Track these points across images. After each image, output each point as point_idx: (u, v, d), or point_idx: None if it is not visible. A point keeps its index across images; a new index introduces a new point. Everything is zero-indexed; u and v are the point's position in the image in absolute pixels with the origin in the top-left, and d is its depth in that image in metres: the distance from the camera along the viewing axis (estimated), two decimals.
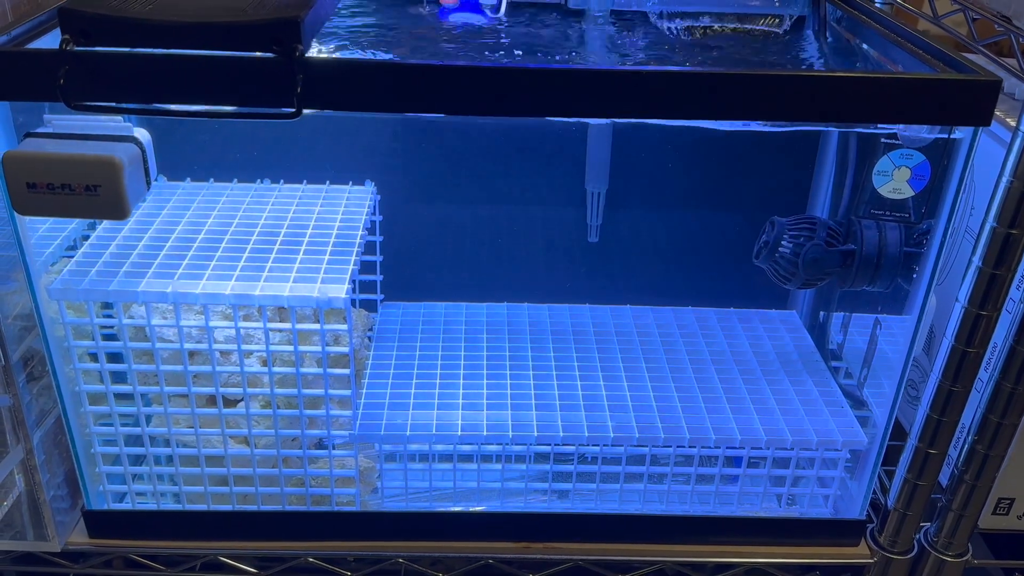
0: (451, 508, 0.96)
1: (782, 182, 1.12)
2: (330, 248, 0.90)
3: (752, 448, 0.93)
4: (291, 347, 0.85)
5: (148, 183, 0.76)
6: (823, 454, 0.94)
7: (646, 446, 0.93)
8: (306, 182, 1.04)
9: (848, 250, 0.92)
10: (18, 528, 0.91)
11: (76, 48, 0.66)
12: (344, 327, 0.86)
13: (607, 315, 1.13)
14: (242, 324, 0.85)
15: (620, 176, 1.07)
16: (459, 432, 0.92)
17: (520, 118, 0.71)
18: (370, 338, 1.07)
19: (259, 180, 1.04)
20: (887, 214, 0.86)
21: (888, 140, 0.80)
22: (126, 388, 0.86)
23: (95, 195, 0.71)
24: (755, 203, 1.09)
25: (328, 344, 0.85)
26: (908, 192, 0.83)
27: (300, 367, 0.86)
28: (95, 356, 0.86)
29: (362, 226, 0.95)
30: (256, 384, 0.88)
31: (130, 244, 0.90)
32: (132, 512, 0.93)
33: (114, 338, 0.87)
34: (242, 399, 0.88)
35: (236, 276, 0.85)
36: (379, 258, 1.06)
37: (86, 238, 0.92)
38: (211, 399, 0.88)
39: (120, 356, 0.86)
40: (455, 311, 1.13)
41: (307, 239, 0.92)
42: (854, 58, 0.93)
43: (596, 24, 0.98)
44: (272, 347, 0.85)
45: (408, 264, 1.12)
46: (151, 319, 0.84)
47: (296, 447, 0.91)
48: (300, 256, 0.89)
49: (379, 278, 1.08)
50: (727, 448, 0.93)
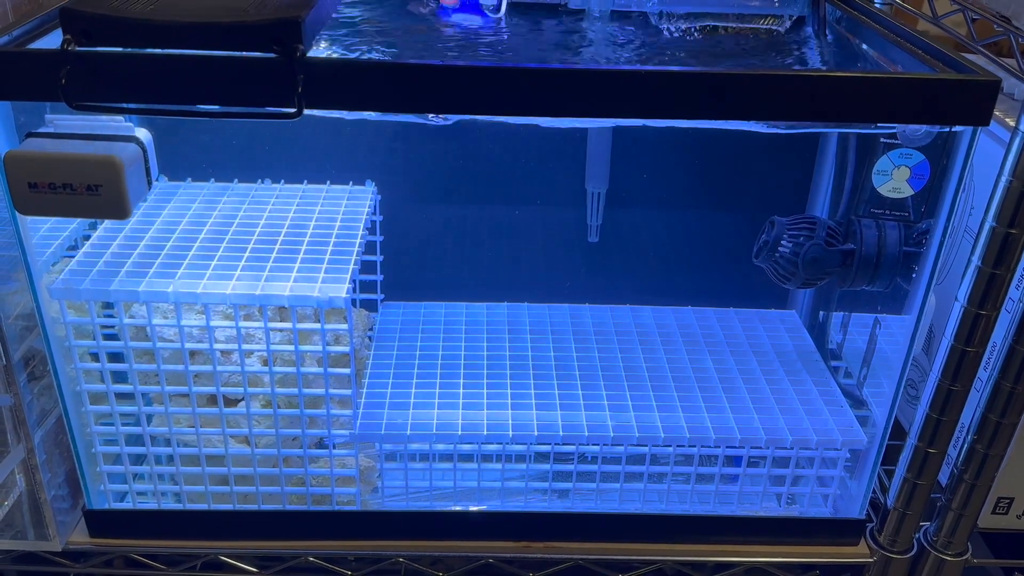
0: (451, 507, 0.96)
1: (782, 182, 1.12)
2: (331, 248, 0.90)
3: (752, 447, 0.93)
4: (292, 347, 0.85)
5: (149, 183, 0.76)
6: (823, 453, 0.94)
7: (646, 445, 0.93)
8: (307, 182, 1.04)
9: (848, 250, 0.92)
10: (19, 527, 0.91)
11: (78, 48, 0.66)
12: (345, 326, 0.86)
13: (607, 315, 1.13)
14: (243, 324, 0.85)
15: (620, 176, 1.08)
16: (459, 432, 0.92)
17: (520, 118, 0.71)
18: (370, 338, 1.07)
19: (260, 180, 1.04)
20: (887, 213, 0.86)
21: (888, 140, 0.80)
22: (127, 388, 0.87)
23: (96, 195, 0.71)
24: (755, 203, 1.09)
25: (329, 344, 0.85)
26: (907, 191, 0.83)
27: (301, 367, 0.86)
28: (96, 356, 0.86)
29: (362, 226, 0.95)
30: (257, 384, 0.88)
31: (131, 244, 0.90)
32: (133, 511, 0.93)
33: (115, 338, 0.87)
34: (243, 398, 0.88)
35: (237, 276, 0.85)
36: (379, 258, 1.06)
37: (87, 238, 0.92)
38: (212, 398, 0.89)
39: (121, 356, 0.86)
40: (455, 311, 1.13)
41: (308, 239, 0.92)
42: (854, 58, 0.93)
43: (596, 24, 0.98)
44: (273, 347, 0.86)
45: (408, 264, 1.12)
46: (152, 319, 0.84)
47: (297, 446, 0.91)
48: (301, 256, 0.89)
49: (379, 278, 1.08)
50: (727, 447, 0.93)
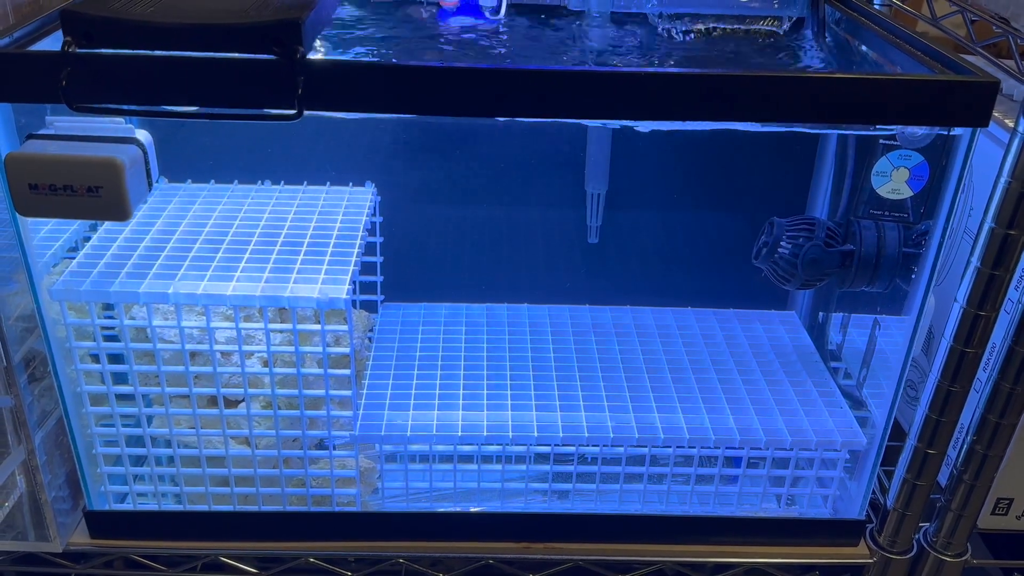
0: (451, 508, 0.96)
1: (781, 183, 1.12)
2: (330, 249, 0.90)
3: (751, 448, 0.93)
4: (292, 348, 0.85)
5: (150, 184, 0.76)
6: (822, 454, 0.94)
7: (646, 446, 0.93)
8: (306, 183, 1.04)
9: (847, 251, 0.92)
10: (20, 529, 0.91)
11: (78, 50, 0.66)
12: (345, 328, 0.86)
13: (607, 316, 1.13)
14: (243, 325, 0.85)
15: (620, 177, 1.08)
16: (459, 433, 0.92)
17: (520, 119, 0.71)
18: (370, 339, 1.07)
19: (260, 181, 1.04)
20: (886, 215, 0.86)
21: (887, 141, 0.80)
22: (127, 389, 0.87)
23: (97, 196, 0.71)
24: (754, 204, 1.10)
25: (329, 345, 0.85)
26: (907, 193, 0.83)
27: (301, 368, 0.86)
28: (96, 357, 0.86)
29: (362, 227, 0.95)
30: (257, 385, 0.88)
31: (131, 245, 0.90)
32: (133, 512, 0.93)
33: (115, 339, 0.87)
34: (243, 400, 0.88)
35: (237, 277, 0.85)
36: (379, 259, 1.06)
37: (87, 239, 0.92)
38: (212, 400, 0.89)
39: (121, 357, 0.86)
40: (455, 312, 1.13)
41: (308, 240, 0.92)
42: (853, 59, 0.93)
43: (596, 26, 0.98)
44: (273, 348, 0.86)
45: (408, 265, 1.12)
46: (152, 320, 0.84)
47: (297, 448, 0.91)
48: (301, 257, 0.89)
49: (379, 279, 1.08)
50: (726, 448, 0.93)
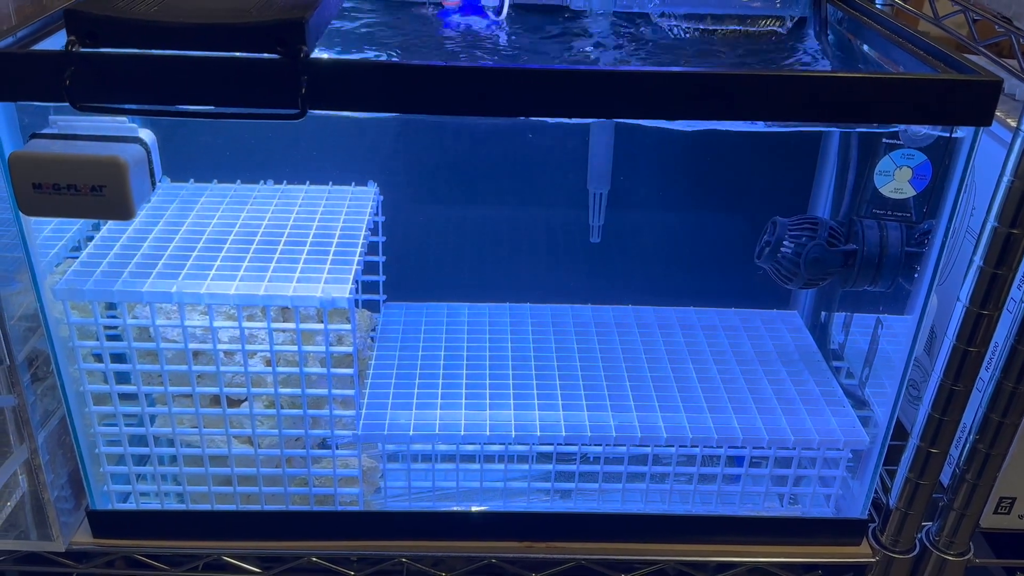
0: (454, 508, 0.96)
1: (784, 182, 1.12)
2: (333, 248, 0.91)
3: (754, 448, 0.93)
4: (295, 347, 0.85)
5: (153, 184, 0.76)
6: (825, 454, 0.94)
7: (648, 446, 0.93)
8: (309, 183, 1.04)
9: (850, 250, 0.92)
10: (22, 528, 0.91)
11: (82, 49, 0.66)
12: (347, 327, 0.87)
13: (609, 315, 1.13)
14: (246, 324, 0.85)
15: (622, 177, 1.08)
16: (462, 432, 0.92)
17: (523, 119, 0.71)
18: (373, 338, 1.07)
19: (262, 181, 1.04)
20: (889, 214, 0.86)
21: (890, 140, 0.81)
22: (130, 388, 0.87)
23: (100, 195, 0.71)
24: (757, 203, 1.10)
25: (331, 344, 0.86)
26: (909, 192, 0.83)
27: (304, 367, 0.86)
28: (99, 356, 0.86)
29: (365, 226, 0.95)
30: (260, 384, 0.88)
31: (135, 245, 0.90)
32: (136, 512, 0.93)
33: (118, 338, 0.87)
34: (246, 399, 0.88)
35: (240, 276, 0.85)
36: (382, 259, 1.06)
37: (90, 239, 0.92)
38: (215, 399, 0.89)
39: (124, 356, 0.86)
40: (457, 311, 1.13)
41: (310, 240, 0.92)
42: (855, 59, 0.93)
43: (598, 25, 0.98)
44: (276, 347, 0.86)
45: (411, 265, 1.12)
46: (155, 319, 0.84)
47: (300, 447, 0.91)
48: (303, 256, 0.89)
49: (382, 279, 1.08)
50: (729, 448, 0.93)
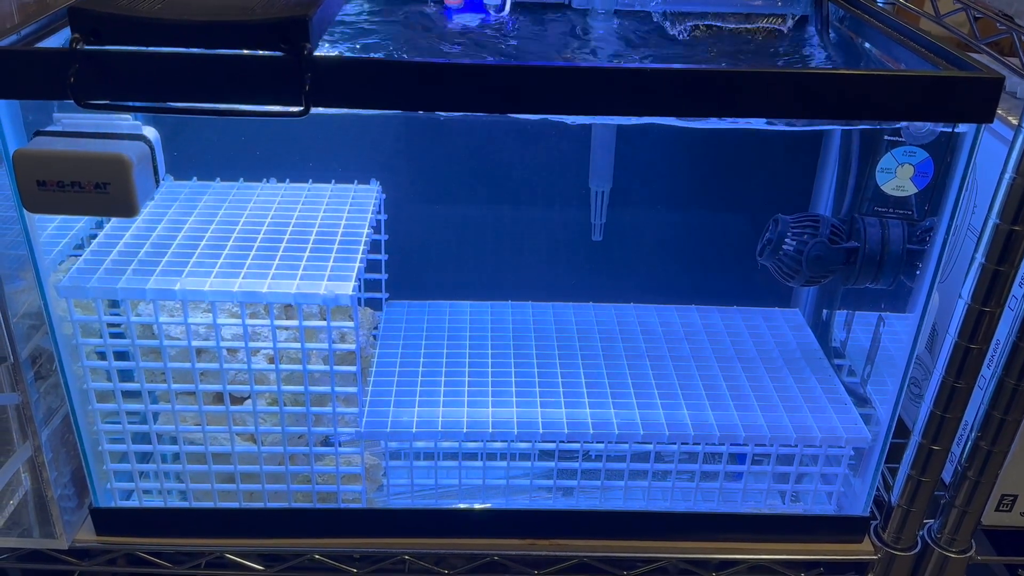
0: (456, 505, 0.96)
1: (785, 180, 1.12)
2: (336, 246, 0.91)
3: (756, 445, 0.93)
4: (298, 344, 0.86)
5: (157, 181, 0.77)
6: (827, 451, 0.94)
7: (650, 443, 0.93)
8: (312, 181, 1.04)
9: (851, 247, 0.92)
10: (25, 526, 0.91)
11: (86, 47, 0.66)
12: (350, 324, 0.87)
13: (611, 313, 1.13)
14: (249, 322, 0.85)
15: (624, 175, 1.08)
16: (464, 429, 0.92)
17: (525, 116, 0.72)
18: (375, 336, 1.07)
19: (265, 179, 1.04)
20: (890, 212, 0.86)
21: (891, 138, 0.81)
22: (133, 386, 0.87)
23: (104, 193, 0.71)
24: (758, 201, 1.10)
25: (334, 342, 0.86)
26: (911, 189, 0.84)
27: (307, 364, 0.86)
28: (103, 354, 0.86)
29: (368, 224, 0.95)
30: (263, 381, 0.88)
31: (138, 242, 0.90)
32: (139, 510, 0.93)
33: (122, 336, 0.87)
34: (249, 396, 0.88)
35: (243, 274, 0.85)
36: (384, 257, 1.06)
37: (94, 236, 0.92)
38: (218, 396, 0.89)
39: (128, 354, 0.86)
40: (459, 309, 1.13)
41: (313, 237, 0.92)
42: (857, 57, 0.93)
43: (600, 23, 0.98)
44: (279, 344, 0.86)
45: (413, 263, 1.12)
46: (159, 316, 0.84)
47: (302, 444, 0.91)
48: (306, 254, 0.89)
49: (384, 276, 1.08)
50: (731, 445, 0.93)
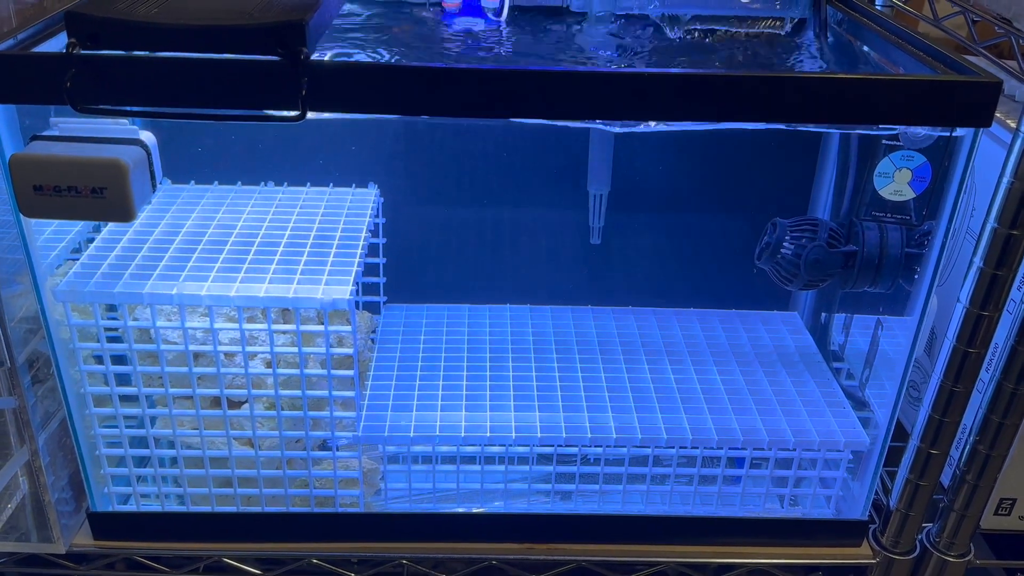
0: (454, 509, 0.96)
1: (783, 184, 1.12)
2: (334, 250, 0.91)
3: (754, 449, 0.93)
4: (295, 349, 0.85)
5: (154, 185, 0.77)
6: (825, 455, 0.94)
7: (649, 447, 0.93)
8: (310, 184, 1.04)
9: (849, 251, 0.92)
10: (23, 530, 0.91)
11: (82, 51, 0.66)
12: (348, 328, 0.87)
13: (609, 317, 1.13)
14: (247, 326, 0.85)
15: (622, 178, 1.08)
16: (462, 433, 0.92)
17: (522, 120, 0.72)
18: (373, 340, 1.07)
19: (263, 183, 1.04)
20: (888, 216, 0.86)
21: (889, 142, 0.81)
22: (131, 390, 0.87)
23: (101, 197, 0.71)
24: (757, 205, 1.10)
25: (332, 346, 0.86)
26: (909, 194, 0.84)
27: (304, 368, 0.86)
28: (100, 358, 0.86)
29: (365, 228, 0.95)
30: (260, 386, 0.88)
31: (135, 247, 0.90)
32: (136, 514, 0.93)
33: (119, 340, 0.87)
34: (246, 401, 0.88)
35: (240, 278, 0.85)
36: (382, 260, 1.06)
37: (91, 241, 0.92)
38: (215, 401, 0.89)
39: (125, 358, 0.86)
40: (458, 313, 1.13)
41: (311, 241, 0.92)
42: (855, 60, 0.93)
43: (598, 27, 0.98)
44: (276, 349, 0.86)
45: (411, 266, 1.12)
46: (156, 321, 0.84)
47: (300, 449, 0.91)
48: (304, 258, 0.89)
49: (382, 280, 1.08)
50: (730, 449, 0.93)
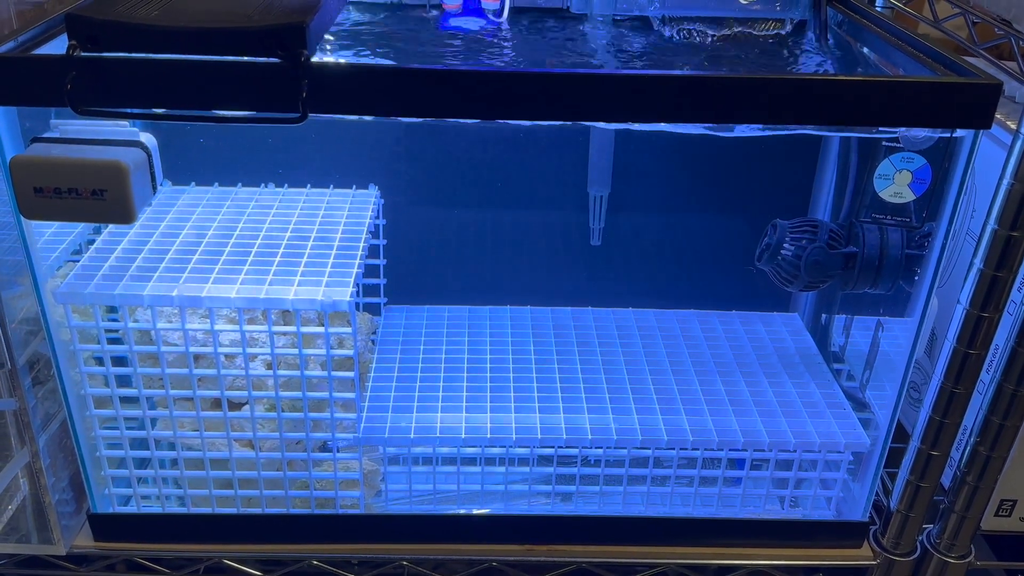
0: (455, 511, 0.96)
1: (784, 185, 1.12)
2: (334, 252, 0.91)
3: (755, 450, 0.93)
4: (295, 350, 0.85)
5: (154, 187, 0.77)
6: (826, 456, 0.94)
7: (649, 448, 0.93)
8: (310, 186, 1.04)
9: (850, 252, 0.92)
10: (23, 531, 0.91)
11: (83, 54, 0.66)
12: (348, 330, 0.87)
13: (610, 318, 1.13)
14: (247, 327, 0.85)
15: (622, 179, 1.08)
16: (463, 435, 0.92)
17: (523, 122, 0.72)
18: (373, 341, 1.07)
19: (263, 184, 1.04)
20: (888, 218, 0.86)
21: (889, 143, 0.81)
22: (131, 391, 0.87)
23: (102, 199, 0.72)
24: (757, 206, 1.10)
25: (332, 347, 0.86)
26: (909, 196, 0.84)
27: (304, 370, 0.86)
28: (100, 360, 0.86)
29: (366, 229, 0.95)
30: (261, 387, 0.88)
31: (136, 248, 0.90)
32: (137, 515, 0.93)
33: (119, 341, 0.87)
34: (247, 402, 0.88)
35: (241, 280, 0.85)
36: (382, 262, 1.06)
37: (91, 242, 0.92)
38: (216, 402, 0.89)
39: (125, 359, 0.86)
40: (458, 314, 1.13)
41: (311, 243, 0.92)
42: (855, 62, 0.93)
43: (599, 29, 0.98)
44: (277, 350, 0.86)
45: (411, 268, 1.12)
46: (156, 322, 0.84)
47: (300, 450, 0.91)
48: (304, 260, 0.89)
49: (382, 282, 1.08)
50: (730, 450, 0.93)
